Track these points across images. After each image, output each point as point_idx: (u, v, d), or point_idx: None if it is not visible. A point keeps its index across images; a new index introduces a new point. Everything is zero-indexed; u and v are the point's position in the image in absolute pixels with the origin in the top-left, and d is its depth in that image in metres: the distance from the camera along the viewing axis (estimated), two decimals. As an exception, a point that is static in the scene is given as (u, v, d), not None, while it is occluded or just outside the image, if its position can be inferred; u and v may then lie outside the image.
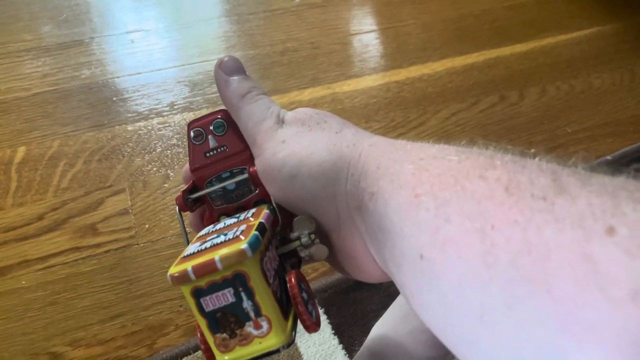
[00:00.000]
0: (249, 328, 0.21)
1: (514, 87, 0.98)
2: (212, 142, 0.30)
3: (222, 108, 0.31)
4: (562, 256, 0.15)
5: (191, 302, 0.21)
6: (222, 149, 0.30)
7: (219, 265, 0.20)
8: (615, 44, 1.09)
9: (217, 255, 0.20)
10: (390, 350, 0.46)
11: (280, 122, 0.28)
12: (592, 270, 0.14)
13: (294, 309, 0.24)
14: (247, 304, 0.21)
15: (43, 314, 0.63)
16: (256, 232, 0.22)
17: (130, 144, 0.81)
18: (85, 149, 0.79)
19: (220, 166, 0.30)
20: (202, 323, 0.22)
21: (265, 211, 0.26)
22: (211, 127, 0.30)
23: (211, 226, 0.27)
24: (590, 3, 1.19)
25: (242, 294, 0.21)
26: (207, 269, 0.20)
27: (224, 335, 0.22)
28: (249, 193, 0.30)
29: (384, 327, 0.49)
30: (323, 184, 0.26)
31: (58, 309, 0.64)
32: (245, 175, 0.29)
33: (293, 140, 0.27)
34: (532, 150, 0.19)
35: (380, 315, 0.51)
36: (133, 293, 0.65)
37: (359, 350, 0.49)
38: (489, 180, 0.18)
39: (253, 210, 0.27)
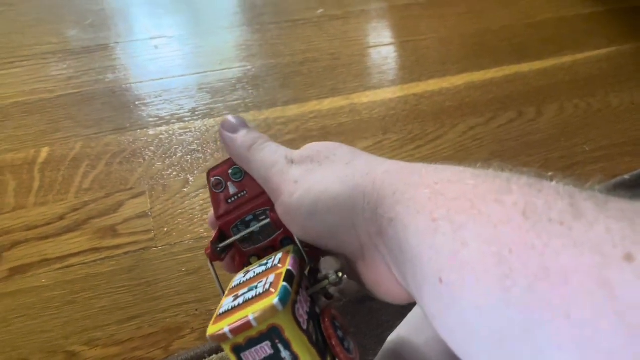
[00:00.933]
0: None
1: (532, 103, 0.98)
2: (232, 189, 0.32)
3: None
4: (580, 281, 0.15)
5: (232, 357, 0.22)
6: (242, 193, 0.32)
7: (254, 323, 0.21)
8: (635, 64, 1.09)
9: (251, 313, 0.22)
10: (406, 358, 0.46)
11: (290, 162, 0.29)
12: (610, 296, 0.14)
13: (331, 349, 0.25)
14: (285, 354, 0.22)
15: (61, 313, 0.64)
16: (284, 284, 0.23)
17: (152, 148, 0.82)
18: (107, 152, 0.81)
19: (243, 210, 0.32)
20: None
21: (290, 255, 0.27)
22: (229, 173, 0.32)
23: (241, 274, 0.29)
24: (610, 22, 1.19)
25: (279, 346, 0.22)
26: (243, 327, 0.22)
27: None
28: (274, 232, 0.32)
29: (399, 337, 0.49)
30: (341, 216, 0.26)
31: (76, 308, 0.65)
32: (268, 221, 0.31)
33: (305, 179, 0.28)
34: (550, 174, 0.19)
35: (396, 326, 0.51)
36: (150, 295, 0.66)
37: (374, 360, 0.49)
38: (505, 205, 0.18)
39: (280, 255, 0.28)
